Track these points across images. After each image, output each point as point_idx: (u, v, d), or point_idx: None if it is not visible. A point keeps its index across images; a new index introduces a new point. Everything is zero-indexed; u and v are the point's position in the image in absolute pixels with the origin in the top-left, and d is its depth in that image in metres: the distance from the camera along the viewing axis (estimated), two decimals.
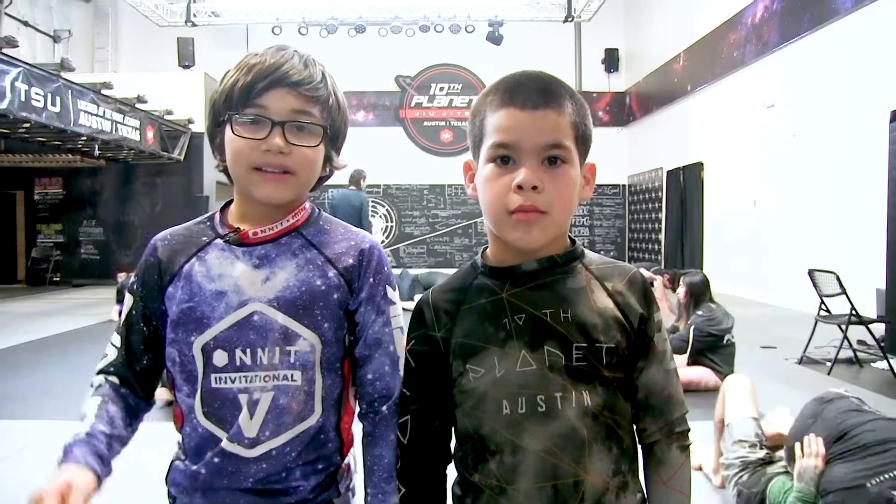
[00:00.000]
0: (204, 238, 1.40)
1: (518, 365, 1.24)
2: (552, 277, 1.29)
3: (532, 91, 1.25)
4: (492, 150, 1.26)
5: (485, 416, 1.26)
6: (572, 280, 1.30)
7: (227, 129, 1.34)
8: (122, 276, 11.25)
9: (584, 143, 1.29)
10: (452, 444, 1.38)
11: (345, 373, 1.42)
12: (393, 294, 1.44)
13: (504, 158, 1.25)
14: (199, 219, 1.46)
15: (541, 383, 1.24)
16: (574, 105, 1.27)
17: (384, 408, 1.40)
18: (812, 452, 2.87)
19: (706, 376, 5.74)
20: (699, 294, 5.98)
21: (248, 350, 1.32)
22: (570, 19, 17.85)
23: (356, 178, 10.42)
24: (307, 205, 1.45)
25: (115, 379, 1.40)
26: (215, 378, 1.32)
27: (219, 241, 1.39)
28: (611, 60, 20.19)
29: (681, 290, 6.06)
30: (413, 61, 20.20)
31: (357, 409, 1.45)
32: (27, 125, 10.84)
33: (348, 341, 1.41)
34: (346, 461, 1.45)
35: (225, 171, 1.41)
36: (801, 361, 7.06)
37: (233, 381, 1.32)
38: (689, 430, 1.33)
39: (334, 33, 17.30)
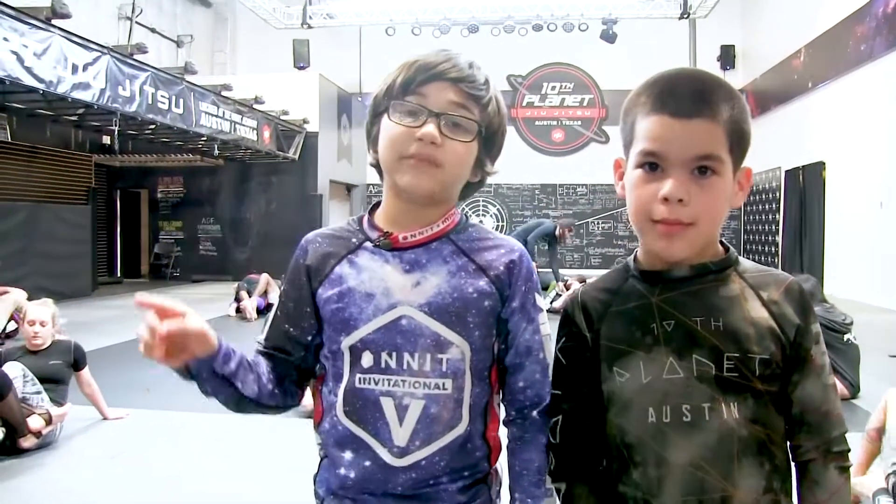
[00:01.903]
0: (354, 241, 1.40)
1: (665, 372, 1.22)
2: (705, 285, 1.26)
3: (686, 97, 1.20)
4: (640, 157, 1.23)
5: (630, 424, 1.24)
6: (725, 288, 1.26)
7: (384, 118, 1.34)
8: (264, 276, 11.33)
9: (740, 147, 1.24)
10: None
11: (492, 381, 1.40)
12: (541, 301, 1.43)
13: (652, 165, 1.21)
14: (349, 220, 1.46)
15: (686, 392, 1.21)
16: (731, 108, 1.21)
17: (535, 413, 1.39)
18: None
19: None
20: (811, 295, 5.81)
21: (393, 353, 1.32)
22: (685, 16, 17.48)
23: (566, 224, 11.43)
24: (456, 210, 1.44)
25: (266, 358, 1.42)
26: (360, 378, 1.33)
27: (369, 244, 1.39)
28: (726, 57, 19.67)
29: None
30: (525, 60, 20.13)
31: (503, 416, 1.44)
32: (153, 126, 11.36)
33: (497, 349, 1.40)
34: (494, 467, 1.43)
35: (376, 165, 1.41)
36: None
37: (376, 383, 1.32)
38: (849, 450, 1.24)
39: (447, 33, 17.39)
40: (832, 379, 1.27)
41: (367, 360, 1.33)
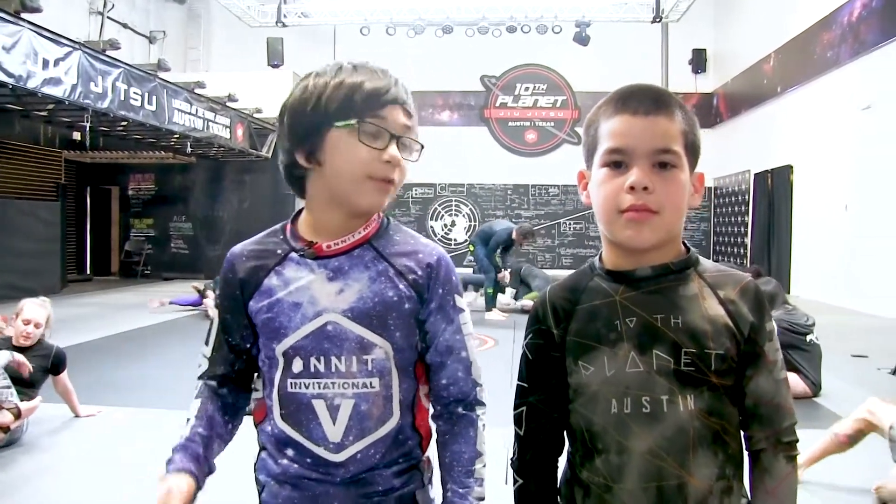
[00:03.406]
0: (279, 252, 1.46)
1: (627, 366, 1.29)
2: (666, 284, 1.33)
3: (644, 99, 1.30)
4: (605, 156, 1.31)
5: (594, 414, 1.32)
6: (685, 287, 1.33)
7: (340, 135, 1.37)
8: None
9: (693, 151, 1.34)
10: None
11: (417, 375, 1.48)
12: (461, 302, 1.50)
13: (617, 163, 1.30)
14: (270, 231, 1.52)
15: (646, 385, 1.28)
16: (684, 115, 1.33)
17: (460, 408, 1.47)
18: None
19: (794, 383, 5.67)
20: (772, 298, 6.02)
21: (321, 358, 1.40)
22: (658, 20, 17.62)
23: (524, 231, 11.19)
24: (379, 215, 1.51)
25: (213, 382, 1.51)
26: (291, 383, 1.41)
27: (294, 254, 1.45)
28: (698, 61, 19.83)
29: None
30: (499, 61, 20.18)
31: (431, 411, 1.52)
32: (125, 123, 11.28)
33: (420, 347, 1.47)
34: (426, 455, 1.51)
35: (298, 174, 1.45)
36: (894, 372, 6.84)
37: (307, 387, 1.40)
38: (797, 440, 1.33)
39: (421, 34, 17.43)
40: (784, 374, 1.35)
41: (297, 365, 1.41)
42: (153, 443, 4.59)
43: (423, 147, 1.45)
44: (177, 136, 12.64)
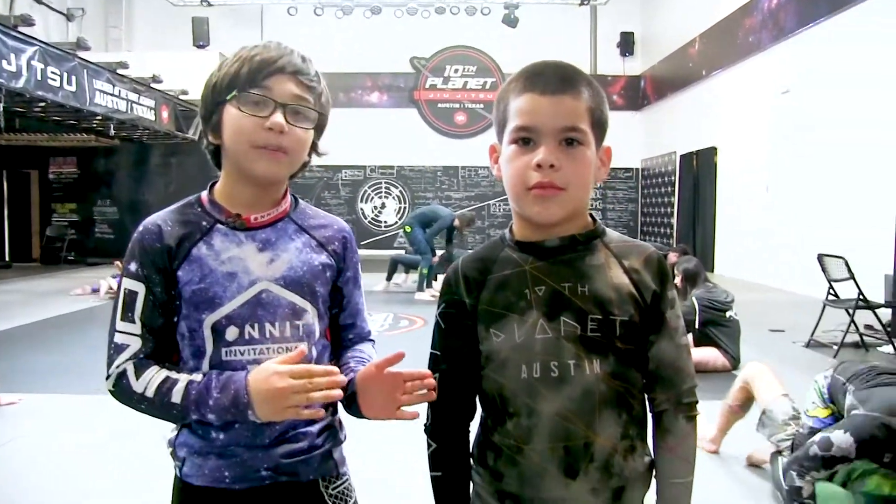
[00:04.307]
0: (204, 223, 1.48)
1: (536, 332, 1.34)
2: (573, 254, 1.38)
3: (552, 78, 1.34)
4: (514, 133, 1.34)
5: (505, 380, 1.37)
6: (592, 257, 1.38)
7: (229, 108, 1.43)
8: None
9: (599, 127, 1.38)
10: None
11: (327, 338, 1.60)
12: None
13: (525, 140, 1.33)
14: (182, 203, 1.53)
15: (555, 350, 1.33)
16: (591, 92, 1.36)
17: (360, 343, 1.66)
18: None
19: (714, 357, 5.97)
20: (694, 277, 6.28)
21: (256, 325, 1.44)
22: (585, 2, 17.81)
23: (466, 219, 11.66)
24: (289, 193, 1.59)
25: (150, 361, 1.44)
26: (226, 352, 1.43)
27: (220, 226, 1.48)
28: (626, 44, 20.10)
29: (677, 278, 6.28)
30: (428, 43, 20.17)
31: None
32: (43, 104, 10.93)
33: (330, 312, 1.59)
34: (338, 416, 1.60)
35: (214, 152, 1.53)
36: (808, 345, 7.16)
37: (242, 354, 1.44)
38: (696, 401, 1.41)
39: (350, 14, 17.31)
40: (685, 340, 1.42)
41: (231, 334, 1.43)
42: (77, 429, 4.55)
43: (320, 115, 1.50)
44: (99, 118, 12.31)
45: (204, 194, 1.53)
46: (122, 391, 1.40)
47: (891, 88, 8.62)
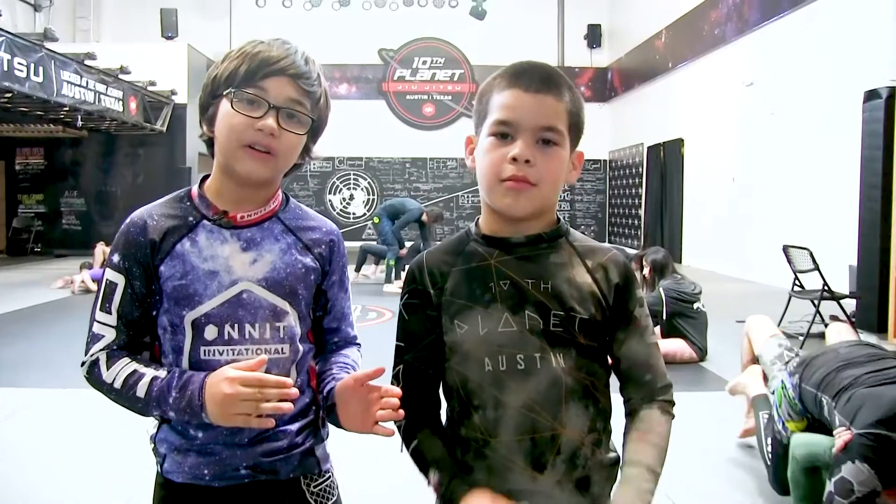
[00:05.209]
0: (191, 219, 1.48)
1: (500, 325, 1.36)
2: (538, 251, 1.41)
3: (536, 77, 1.37)
4: (493, 126, 1.38)
5: (469, 371, 1.38)
6: (556, 255, 1.41)
7: (224, 104, 1.42)
8: (100, 247, 11.46)
9: (576, 131, 1.42)
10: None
11: (310, 340, 1.58)
12: (350, 273, 1.62)
13: (503, 134, 1.36)
14: (173, 196, 1.54)
15: (520, 343, 1.35)
16: (572, 96, 1.40)
17: (346, 346, 1.66)
18: None
19: (681, 348, 6.01)
20: (662, 268, 6.32)
21: (236, 325, 1.44)
22: None
23: (434, 214, 11.73)
24: (281, 190, 1.57)
25: (123, 353, 1.46)
26: (204, 350, 1.43)
27: (206, 222, 1.48)
28: (593, 36, 20.21)
29: (645, 269, 6.34)
30: (396, 35, 20.16)
31: (318, 368, 1.61)
32: (9, 95, 10.82)
33: (314, 315, 1.59)
34: (321, 413, 1.58)
35: (209, 141, 1.51)
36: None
37: (221, 354, 1.43)
38: (673, 402, 1.42)
39: (318, 6, 17.29)
40: (654, 338, 1.45)
41: (210, 332, 1.44)
42: (45, 422, 4.55)
43: (314, 121, 1.49)
44: (66, 108, 12.20)
45: (194, 188, 1.53)
46: (94, 379, 1.43)
47: (852, 81, 8.77)
